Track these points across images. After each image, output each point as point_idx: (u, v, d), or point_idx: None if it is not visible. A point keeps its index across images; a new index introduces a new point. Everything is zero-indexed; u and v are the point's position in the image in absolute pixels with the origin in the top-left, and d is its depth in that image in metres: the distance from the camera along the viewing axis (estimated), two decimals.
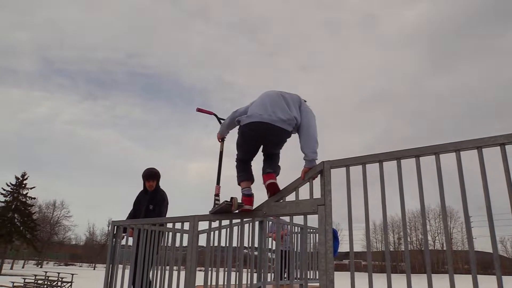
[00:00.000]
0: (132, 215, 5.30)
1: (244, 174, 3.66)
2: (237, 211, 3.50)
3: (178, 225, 3.95)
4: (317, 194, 2.91)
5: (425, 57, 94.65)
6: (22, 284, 16.73)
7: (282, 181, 3.35)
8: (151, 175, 5.28)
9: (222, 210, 3.55)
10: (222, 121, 3.99)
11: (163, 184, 5.40)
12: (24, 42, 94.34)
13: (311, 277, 6.92)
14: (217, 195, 3.73)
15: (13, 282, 16.39)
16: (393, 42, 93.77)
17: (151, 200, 5.18)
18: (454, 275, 2.29)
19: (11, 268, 44.35)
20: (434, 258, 68.71)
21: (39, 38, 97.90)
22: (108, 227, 65.64)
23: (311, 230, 6.95)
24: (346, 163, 2.79)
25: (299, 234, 6.93)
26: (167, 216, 5.07)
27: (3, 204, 39.02)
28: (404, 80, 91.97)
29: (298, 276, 6.71)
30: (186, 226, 3.78)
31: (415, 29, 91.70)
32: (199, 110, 4.22)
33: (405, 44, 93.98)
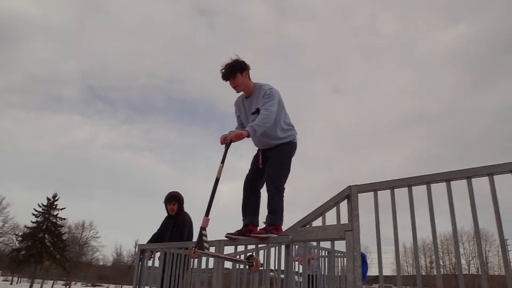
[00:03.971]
0: (155, 239, 5.31)
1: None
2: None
3: None
4: (344, 218, 2.84)
5: (462, 78, 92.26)
6: None
7: (309, 205, 3.29)
8: (171, 198, 5.29)
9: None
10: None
11: (192, 206, 5.40)
12: (70, 71, 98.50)
13: None
14: (204, 229, 3.20)
15: None
16: (429, 64, 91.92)
17: (174, 223, 5.20)
18: None
19: None
20: (470, 282, 65.59)
21: (84, 67, 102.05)
22: (135, 248, 66.13)
23: (339, 254, 6.77)
24: (374, 187, 2.72)
25: (326, 258, 6.77)
26: (193, 239, 5.06)
27: (34, 225, 39.97)
28: (439, 102, 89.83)
29: None
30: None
31: (451, 51, 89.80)
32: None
33: (441, 66, 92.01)
